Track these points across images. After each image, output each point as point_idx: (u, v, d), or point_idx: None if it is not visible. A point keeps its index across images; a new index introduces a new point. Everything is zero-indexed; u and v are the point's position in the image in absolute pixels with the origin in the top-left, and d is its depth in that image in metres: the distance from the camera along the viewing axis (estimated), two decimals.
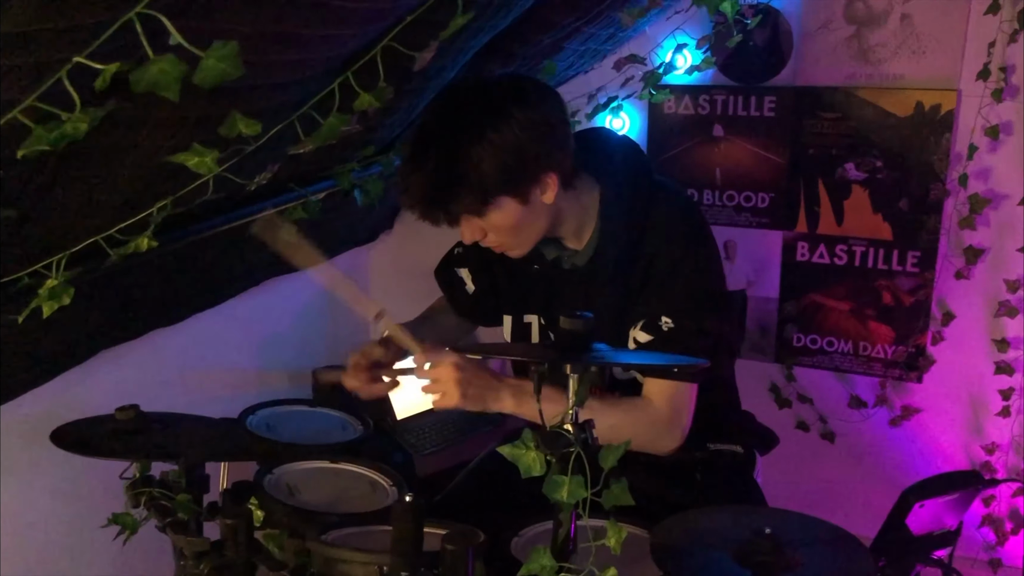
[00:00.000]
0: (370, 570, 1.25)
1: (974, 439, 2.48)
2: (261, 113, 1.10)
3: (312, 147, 1.03)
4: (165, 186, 1.13)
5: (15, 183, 1.02)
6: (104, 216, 1.16)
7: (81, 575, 2.03)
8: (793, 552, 1.21)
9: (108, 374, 1.95)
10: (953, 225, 2.35)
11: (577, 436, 0.99)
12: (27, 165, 0.99)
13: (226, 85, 1.07)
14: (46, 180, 1.07)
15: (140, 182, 1.16)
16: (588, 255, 1.67)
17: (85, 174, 1.12)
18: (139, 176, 1.15)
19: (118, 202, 1.18)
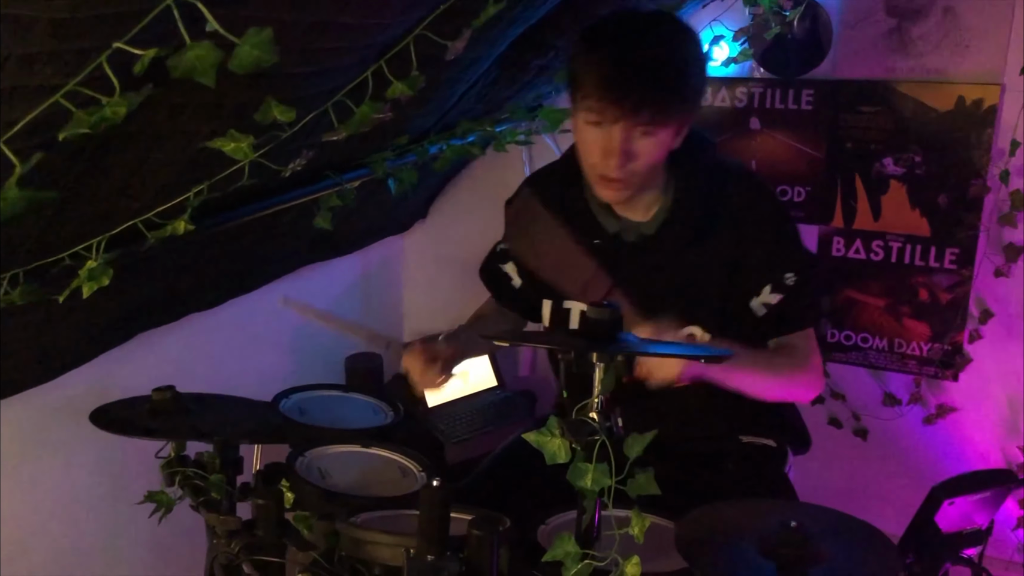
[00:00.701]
0: (397, 552, 1.27)
1: (1011, 439, 2.45)
2: (298, 100, 1.12)
3: (345, 134, 1.04)
4: (202, 171, 1.15)
5: (58, 167, 1.05)
6: (143, 200, 1.18)
7: (118, 550, 2.08)
8: (819, 546, 1.20)
9: (147, 356, 1.99)
10: (993, 222, 2.32)
11: (602, 424, 1.00)
12: (69, 150, 1.02)
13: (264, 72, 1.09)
14: (88, 165, 1.10)
15: (178, 168, 1.19)
16: (656, 224, 1.66)
17: (125, 159, 1.15)
18: (177, 162, 1.17)
19: (157, 187, 1.20)
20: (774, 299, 1.64)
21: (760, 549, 1.21)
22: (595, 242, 1.70)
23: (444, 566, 1.16)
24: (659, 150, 1.55)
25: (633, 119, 1.48)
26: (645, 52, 1.49)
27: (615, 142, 1.51)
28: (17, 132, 0.77)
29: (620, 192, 1.60)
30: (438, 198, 3.01)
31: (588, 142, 1.55)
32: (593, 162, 1.56)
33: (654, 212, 1.67)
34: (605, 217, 1.69)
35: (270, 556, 1.27)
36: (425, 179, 2.69)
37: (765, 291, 1.64)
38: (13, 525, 1.82)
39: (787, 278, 1.63)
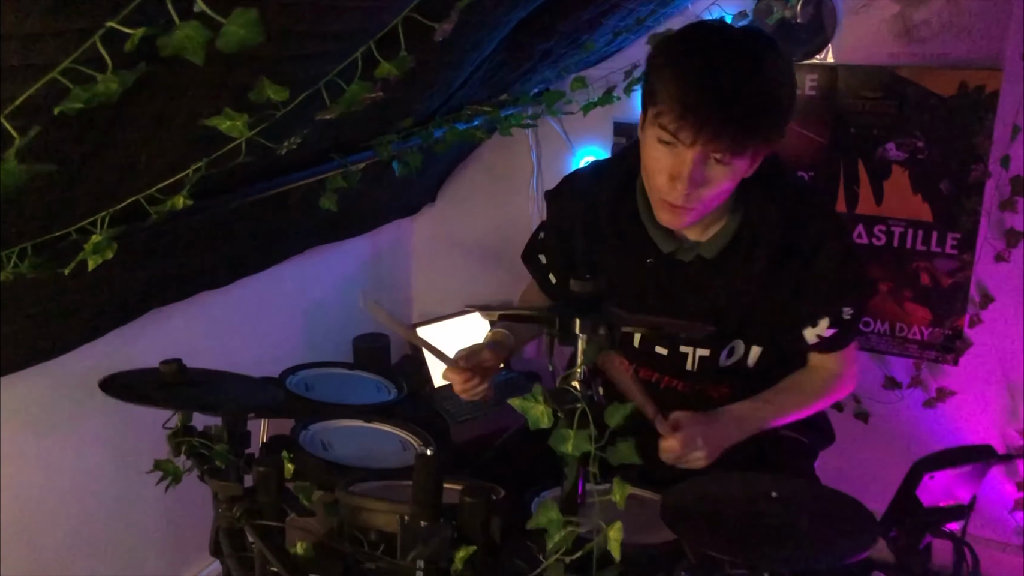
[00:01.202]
0: (392, 519, 1.31)
1: (1010, 423, 2.47)
2: (299, 83, 1.16)
3: (337, 113, 1.08)
4: (204, 151, 1.20)
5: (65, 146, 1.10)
6: (148, 179, 1.23)
7: (130, 521, 2.14)
8: (799, 516, 1.24)
9: (156, 332, 2.05)
10: (994, 207, 2.33)
11: (583, 393, 1.04)
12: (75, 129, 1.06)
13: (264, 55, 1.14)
14: (94, 145, 1.15)
15: (182, 147, 1.23)
16: (719, 247, 1.57)
17: (131, 139, 1.20)
18: (181, 141, 1.22)
19: (162, 166, 1.25)
20: (828, 332, 1.62)
21: (741, 518, 1.25)
22: (648, 261, 1.61)
23: (437, 531, 1.20)
24: (731, 180, 1.45)
25: (711, 146, 1.37)
26: (733, 74, 1.36)
27: (686, 167, 1.39)
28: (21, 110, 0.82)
29: (682, 219, 1.49)
30: (447, 182, 3.06)
31: (656, 161, 1.44)
32: (658, 185, 1.45)
33: (714, 232, 1.59)
34: (659, 237, 1.59)
35: (270, 520, 1.31)
36: (432, 163, 2.73)
37: (822, 324, 1.62)
38: (27, 495, 1.88)
39: (845, 312, 1.61)
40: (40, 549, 1.93)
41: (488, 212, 3.03)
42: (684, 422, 1.53)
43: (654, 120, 1.40)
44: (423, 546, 1.19)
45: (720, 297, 1.60)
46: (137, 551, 2.19)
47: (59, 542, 1.98)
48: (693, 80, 1.36)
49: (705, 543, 1.22)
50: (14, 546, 1.87)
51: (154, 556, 2.24)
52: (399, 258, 3.14)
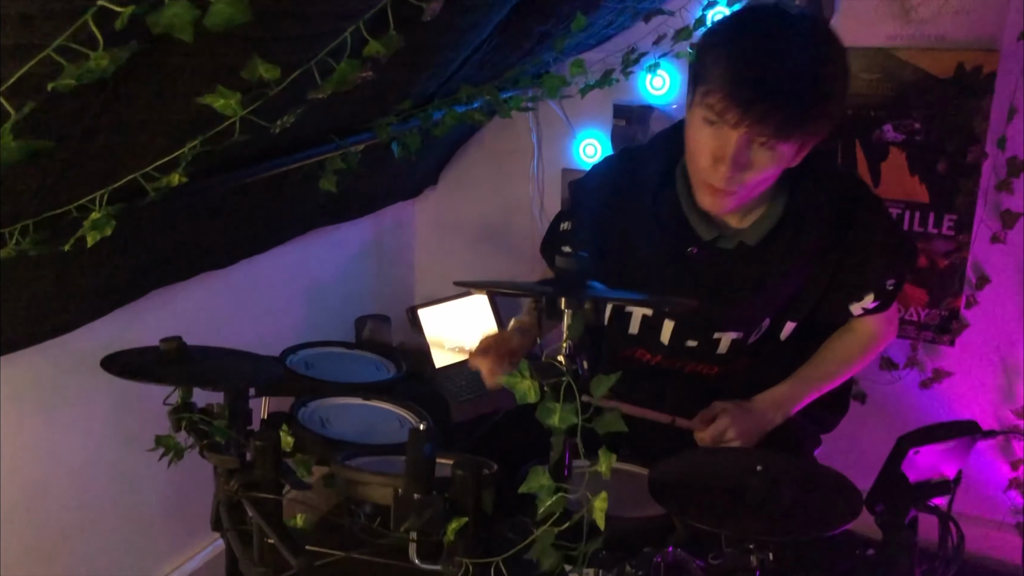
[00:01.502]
0: (386, 492, 1.34)
1: (1005, 403, 2.49)
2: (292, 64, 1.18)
3: (328, 92, 1.10)
4: (201, 130, 1.22)
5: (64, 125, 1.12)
6: (146, 158, 1.26)
7: (134, 497, 2.18)
8: (784, 490, 1.27)
9: (159, 312, 2.08)
10: (990, 188, 2.34)
11: (568, 367, 1.06)
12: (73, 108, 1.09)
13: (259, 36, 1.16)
14: (92, 124, 1.17)
15: (178, 126, 1.26)
16: (761, 233, 1.57)
17: (129, 119, 1.22)
18: (177, 120, 1.24)
19: (159, 145, 1.28)
20: (871, 304, 1.68)
21: (727, 492, 1.28)
22: (688, 250, 1.60)
23: (429, 504, 1.24)
24: (775, 166, 1.43)
25: (756, 129, 1.35)
26: (785, 59, 1.34)
27: (729, 148, 1.39)
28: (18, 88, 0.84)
29: (723, 203, 1.49)
30: (448, 165, 3.08)
31: (699, 142, 1.43)
32: (701, 166, 1.45)
33: (755, 219, 1.58)
34: (701, 224, 1.58)
35: (267, 494, 1.35)
36: (433, 146, 2.75)
37: (867, 298, 1.67)
38: (31, 473, 1.92)
39: (888, 284, 1.67)
40: (44, 526, 1.97)
41: (489, 195, 3.05)
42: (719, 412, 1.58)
43: (701, 100, 1.39)
44: (416, 518, 1.22)
45: (761, 284, 1.60)
46: (142, 527, 2.23)
47: (64, 519, 2.01)
48: (744, 61, 1.36)
49: (691, 516, 1.25)
50: (19, 523, 1.91)
51: (159, 532, 2.28)
52: (401, 240, 3.16)
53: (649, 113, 2.64)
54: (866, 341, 1.78)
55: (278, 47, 1.14)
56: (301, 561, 1.25)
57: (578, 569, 1.34)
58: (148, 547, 2.26)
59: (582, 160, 2.84)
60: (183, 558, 2.35)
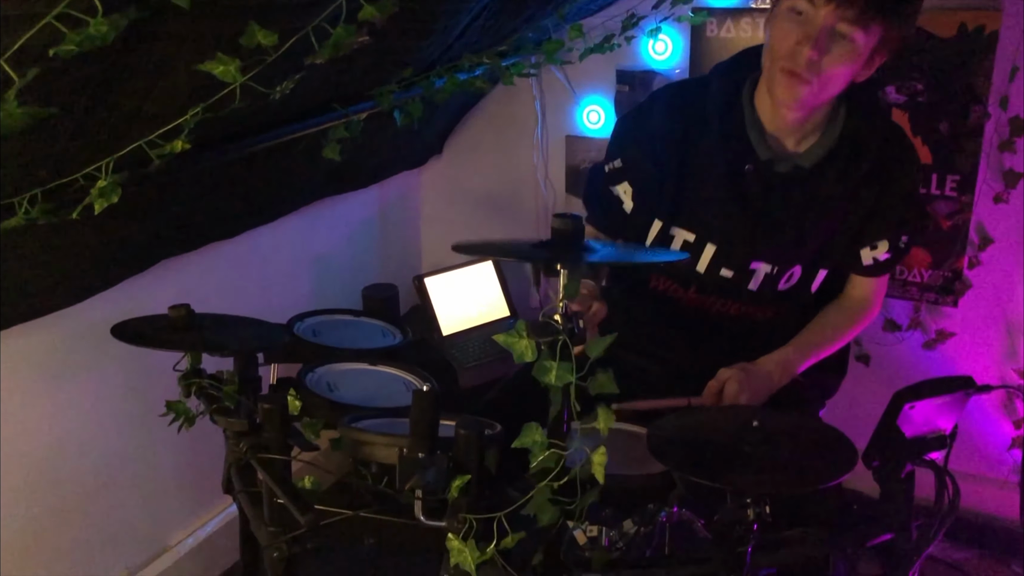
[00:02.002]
0: (391, 452, 1.38)
1: (1008, 363, 2.50)
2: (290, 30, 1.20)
3: (326, 57, 1.12)
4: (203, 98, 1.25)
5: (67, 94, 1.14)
6: (150, 127, 1.28)
7: (149, 463, 2.22)
8: (780, 444, 1.29)
9: (167, 282, 2.11)
10: (993, 148, 2.34)
11: (564, 326, 1.09)
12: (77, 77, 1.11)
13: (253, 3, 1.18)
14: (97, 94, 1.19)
15: (181, 94, 1.28)
16: (817, 156, 1.66)
17: (133, 88, 1.24)
18: (180, 89, 1.26)
19: (163, 114, 1.30)
20: (883, 256, 1.75)
21: (724, 447, 1.30)
22: (746, 167, 1.67)
23: (433, 462, 1.27)
24: (849, 63, 1.53)
25: (841, 9, 1.47)
26: None
27: (815, 28, 1.49)
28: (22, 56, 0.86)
29: (799, 89, 1.55)
30: (452, 134, 3.09)
31: (785, 31, 1.53)
32: (783, 53, 1.54)
33: (810, 145, 1.67)
34: (759, 142, 1.67)
35: (275, 455, 1.38)
36: (437, 115, 2.76)
37: (881, 246, 1.74)
38: (46, 441, 1.96)
39: (903, 240, 1.74)
40: (61, 494, 2.01)
41: (494, 163, 3.06)
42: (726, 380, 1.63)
43: None
44: (420, 476, 1.25)
45: (805, 214, 1.69)
46: (158, 493, 2.27)
47: (79, 486, 2.06)
48: None
49: (689, 471, 1.28)
50: (36, 492, 1.95)
51: (174, 498, 2.33)
52: (407, 209, 3.18)
53: (652, 78, 2.64)
54: (855, 307, 1.84)
55: (275, 14, 1.15)
56: (309, 519, 1.28)
57: (578, 524, 1.38)
58: (163, 512, 2.31)
59: (586, 127, 2.84)
60: (198, 522, 2.40)
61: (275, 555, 1.44)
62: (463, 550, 1.23)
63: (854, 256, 1.77)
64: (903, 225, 1.74)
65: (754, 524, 1.27)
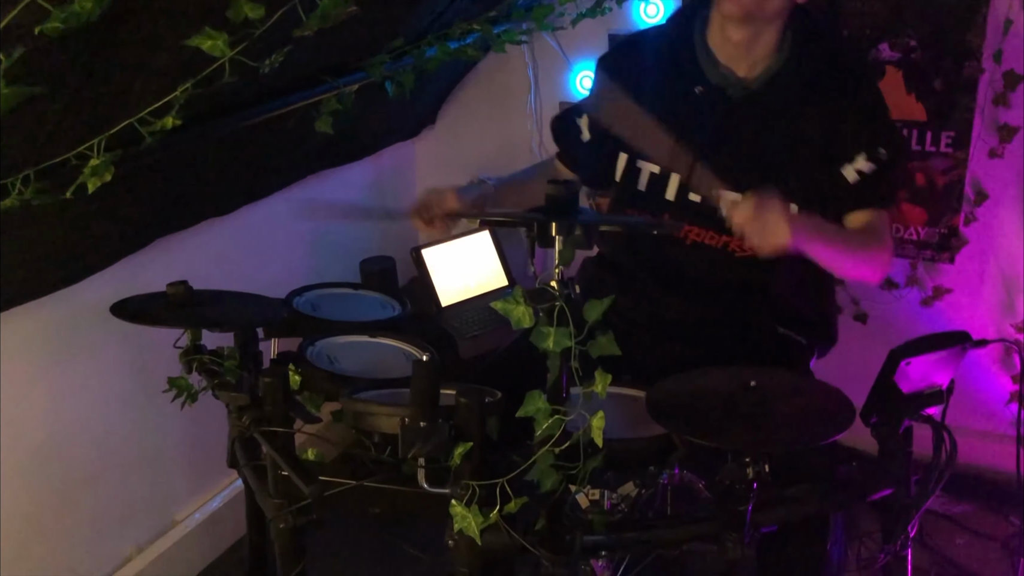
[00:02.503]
0: (393, 421, 1.39)
1: (1005, 317, 2.51)
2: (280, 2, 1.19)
3: (314, 28, 1.12)
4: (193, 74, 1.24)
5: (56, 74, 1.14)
6: (141, 104, 1.28)
7: (152, 440, 2.24)
8: (778, 403, 1.30)
9: (165, 260, 2.11)
10: (987, 103, 2.34)
11: (561, 292, 1.09)
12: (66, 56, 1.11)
13: None
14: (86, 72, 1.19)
15: (171, 71, 1.27)
16: (763, 81, 1.72)
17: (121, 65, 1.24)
18: (170, 65, 1.26)
19: (153, 90, 1.29)
20: (867, 168, 1.71)
21: (723, 408, 1.31)
22: (697, 89, 1.74)
23: (435, 431, 1.28)
24: None
25: None
26: None
27: None
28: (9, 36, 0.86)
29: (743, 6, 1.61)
30: (445, 103, 3.07)
31: None
32: None
33: (761, 70, 1.72)
34: (709, 67, 1.74)
35: (278, 427, 1.39)
36: (430, 84, 2.74)
37: (859, 159, 1.72)
38: (50, 421, 1.97)
39: (880, 152, 1.72)
40: (65, 474, 2.03)
41: (488, 131, 3.05)
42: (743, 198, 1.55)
43: None
44: (423, 444, 1.27)
45: (761, 137, 1.72)
46: (162, 470, 2.29)
47: (84, 466, 2.07)
48: None
49: (688, 432, 1.29)
50: (40, 472, 1.96)
51: (179, 474, 2.35)
52: (402, 181, 3.17)
53: None
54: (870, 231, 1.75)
55: None
56: (314, 490, 1.30)
57: (581, 489, 1.39)
58: (170, 489, 2.33)
59: (579, 93, 2.83)
60: (204, 497, 2.43)
61: (281, 526, 1.46)
62: (467, 516, 1.24)
63: (838, 179, 1.73)
64: (877, 137, 1.73)
65: (754, 483, 1.28)
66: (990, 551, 2.38)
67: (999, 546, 2.39)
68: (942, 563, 2.32)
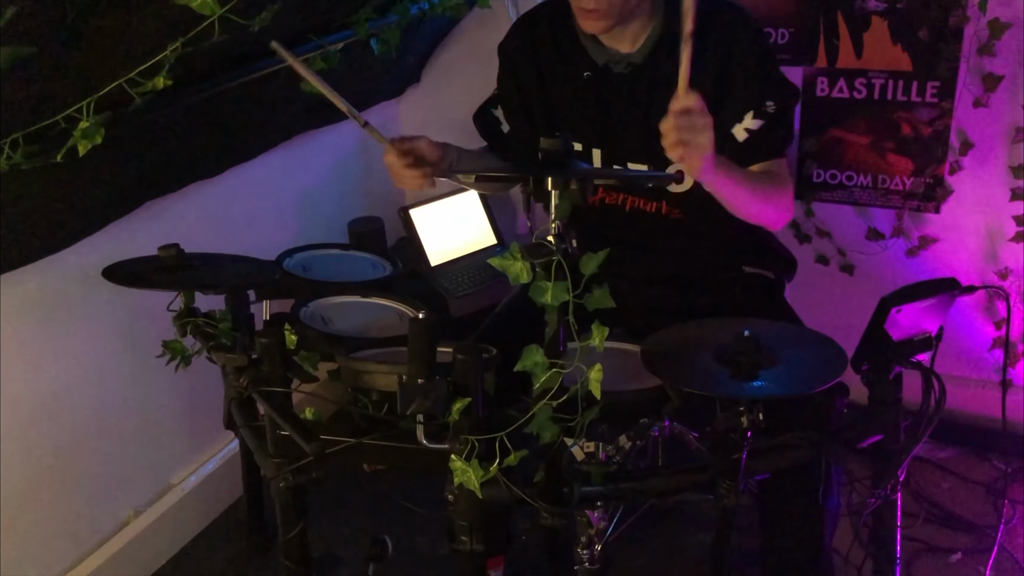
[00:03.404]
0: (390, 379, 1.40)
1: (989, 265, 2.54)
2: None
3: None
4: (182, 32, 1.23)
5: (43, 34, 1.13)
6: (129, 65, 1.26)
7: (147, 403, 2.24)
8: (771, 352, 1.32)
9: (154, 223, 2.10)
10: (972, 52, 2.34)
11: (558, 246, 1.10)
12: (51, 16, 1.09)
13: None
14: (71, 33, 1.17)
15: (159, 32, 1.26)
16: (645, 53, 1.73)
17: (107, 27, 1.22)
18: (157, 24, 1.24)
19: (141, 51, 1.28)
20: (755, 125, 1.72)
21: (718, 358, 1.33)
22: (585, 75, 1.77)
23: (433, 387, 1.28)
24: None
25: None
26: None
27: None
28: None
29: (599, 22, 1.65)
30: (429, 61, 3.04)
31: None
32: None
33: (642, 42, 1.74)
34: (594, 49, 1.76)
35: (276, 387, 1.40)
36: (414, 42, 2.72)
37: (747, 117, 1.72)
38: (46, 385, 1.97)
39: (768, 106, 1.73)
40: (62, 437, 2.03)
41: (472, 89, 2.98)
42: None
43: None
44: (421, 400, 1.28)
45: (654, 106, 1.69)
46: (157, 433, 2.30)
47: (80, 430, 2.08)
48: None
49: (683, 382, 1.31)
50: (37, 436, 1.97)
51: (175, 436, 2.36)
52: None
53: None
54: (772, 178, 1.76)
55: None
56: (315, 447, 1.31)
57: (578, 440, 1.41)
58: (165, 452, 2.34)
59: None
60: (200, 460, 2.44)
61: (282, 485, 1.48)
62: (467, 470, 1.26)
63: (728, 139, 1.73)
64: (763, 91, 1.73)
65: (748, 431, 1.30)
66: (975, 494, 2.43)
67: (983, 489, 2.44)
68: (929, 507, 2.37)
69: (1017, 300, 2.52)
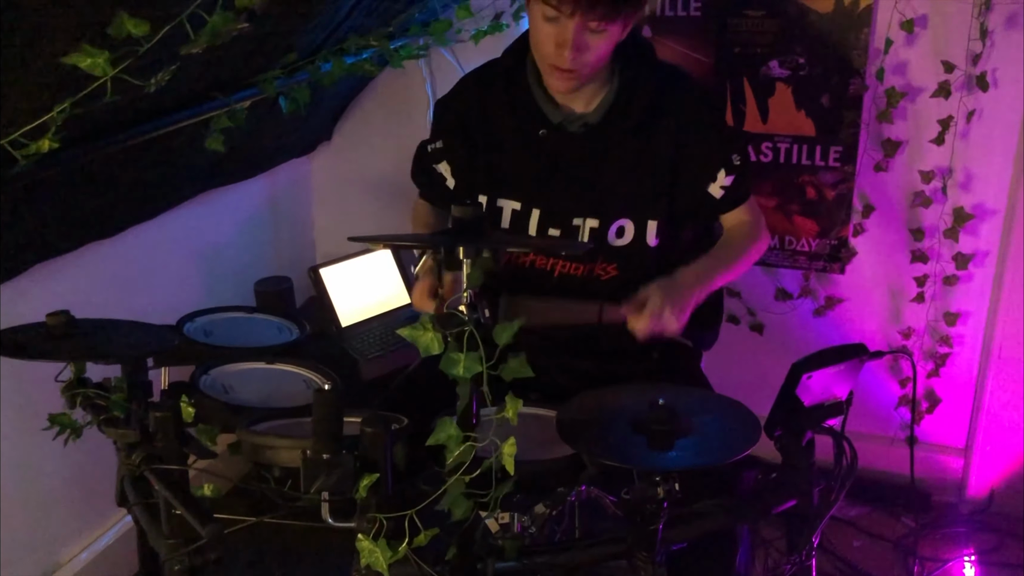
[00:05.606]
0: (294, 454, 1.33)
1: (893, 325, 2.60)
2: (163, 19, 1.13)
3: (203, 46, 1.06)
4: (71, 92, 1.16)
5: None
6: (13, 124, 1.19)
7: (35, 479, 2.11)
8: (686, 420, 1.30)
9: (45, 287, 1.99)
10: (872, 119, 2.42)
11: (470, 316, 1.06)
12: None
13: None
14: None
15: (47, 89, 1.19)
16: (600, 114, 1.76)
17: None
18: (45, 83, 1.18)
19: (28, 110, 1.21)
20: (728, 181, 1.79)
21: (633, 426, 1.31)
22: (540, 132, 1.78)
23: (339, 462, 1.22)
24: (609, 43, 1.66)
25: (588, 15, 1.58)
26: None
27: (569, 35, 1.60)
28: None
29: (571, 82, 1.69)
30: (342, 119, 3.01)
31: (544, 35, 1.64)
32: (547, 53, 1.66)
33: (597, 102, 1.77)
34: (549, 108, 1.78)
35: (171, 464, 1.31)
36: (325, 100, 2.68)
37: (720, 175, 1.79)
38: None
39: (734, 159, 1.79)
40: None
41: (386, 147, 3.00)
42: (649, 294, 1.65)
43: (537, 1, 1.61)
44: (326, 477, 1.21)
45: (608, 165, 1.77)
46: (45, 508, 2.16)
47: None
48: None
49: (598, 452, 1.28)
50: None
51: (65, 513, 2.22)
52: (298, 198, 3.10)
53: None
54: (746, 228, 1.88)
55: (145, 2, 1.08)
56: (211, 529, 1.23)
57: (491, 515, 1.36)
58: (53, 529, 2.20)
59: None
60: (93, 536, 2.30)
61: (176, 568, 1.38)
62: (374, 550, 1.19)
63: (704, 197, 1.81)
64: (727, 148, 1.80)
65: (664, 502, 1.27)
66: (885, 551, 2.45)
67: (892, 547, 2.47)
68: (842, 566, 2.38)
69: (920, 359, 2.59)
